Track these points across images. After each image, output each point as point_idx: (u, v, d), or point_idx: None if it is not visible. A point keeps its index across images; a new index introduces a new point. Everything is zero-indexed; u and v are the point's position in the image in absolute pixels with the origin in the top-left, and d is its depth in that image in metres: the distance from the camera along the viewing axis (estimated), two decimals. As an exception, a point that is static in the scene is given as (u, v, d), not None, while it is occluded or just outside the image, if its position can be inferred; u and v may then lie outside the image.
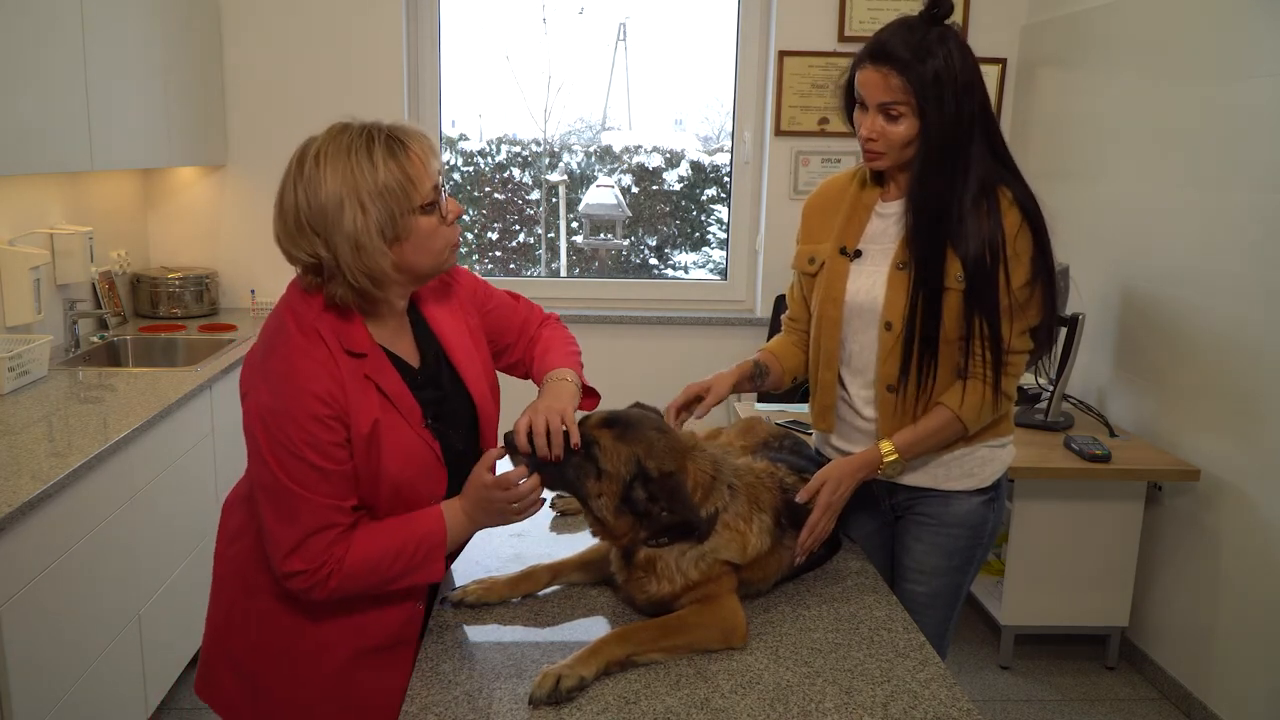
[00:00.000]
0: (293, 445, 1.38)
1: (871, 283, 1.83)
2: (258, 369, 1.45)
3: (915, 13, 1.75)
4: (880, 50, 1.71)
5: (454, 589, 1.66)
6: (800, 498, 1.71)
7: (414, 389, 1.52)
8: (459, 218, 1.51)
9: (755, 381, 1.94)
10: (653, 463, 1.52)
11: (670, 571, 1.54)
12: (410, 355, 1.56)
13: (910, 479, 1.90)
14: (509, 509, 1.51)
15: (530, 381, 1.73)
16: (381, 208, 1.38)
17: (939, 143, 1.71)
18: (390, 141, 1.40)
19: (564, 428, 1.50)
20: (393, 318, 1.53)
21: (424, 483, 1.51)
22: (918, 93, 1.69)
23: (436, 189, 1.44)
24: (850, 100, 1.82)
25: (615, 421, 1.55)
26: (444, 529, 1.49)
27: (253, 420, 1.42)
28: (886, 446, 1.81)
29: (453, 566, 1.77)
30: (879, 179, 1.89)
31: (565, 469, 1.51)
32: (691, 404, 1.82)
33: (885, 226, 1.85)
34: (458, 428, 1.59)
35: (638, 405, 1.66)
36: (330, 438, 1.40)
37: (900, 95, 1.70)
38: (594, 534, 1.60)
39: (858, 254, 1.86)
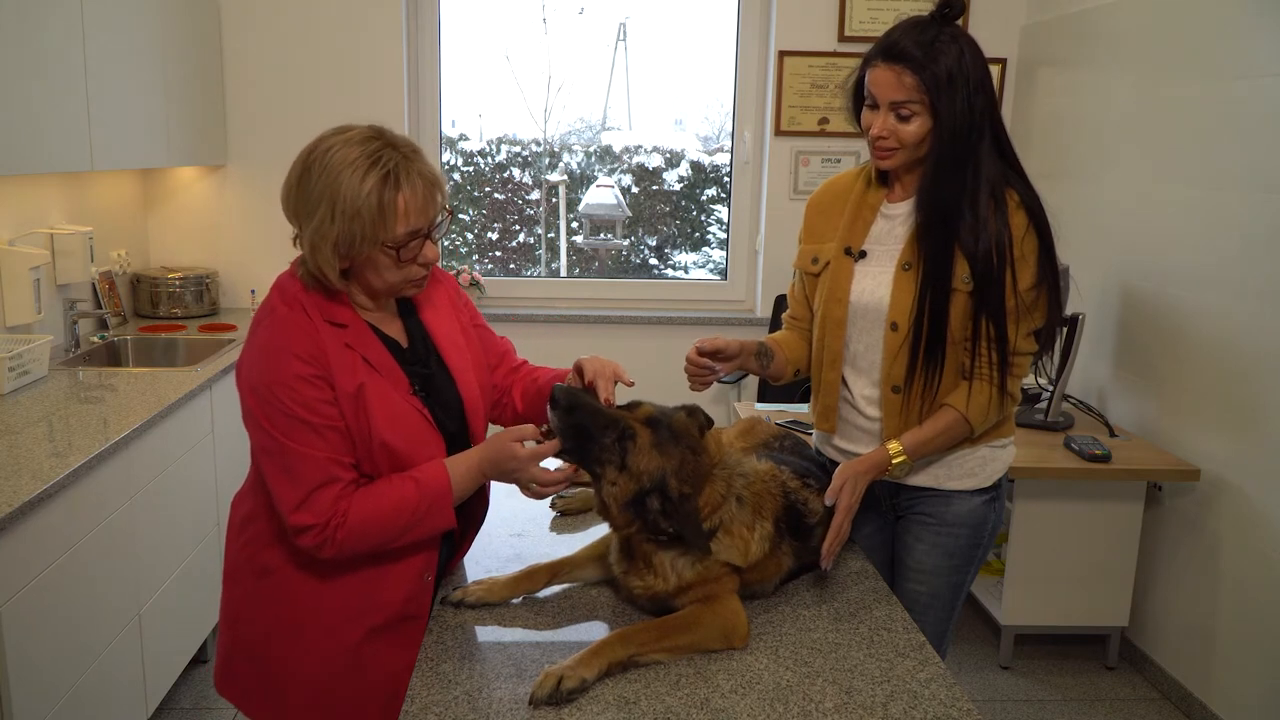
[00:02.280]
0: (283, 406, 1.44)
1: (876, 283, 1.83)
2: (246, 349, 1.52)
3: (920, 14, 1.75)
4: (893, 49, 1.71)
5: (459, 586, 1.66)
6: (827, 499, 1.72)
7: (401, 363, 1.57)
8: (429, 264, 1.53)
9: (760, 360, 1.92)
10: (675, 482, 1.51)
11: (666, 570, 1.55)
12: (399, 337, 1.61)
13: (912, 479, 1.90)
14: (530, 491, 1.55)
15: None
16: (346, 227, 1.42)
17: (951, 142, 1.71)
18: (390, 174, 1.43)
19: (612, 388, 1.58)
20: (373, 304, 1.57)
21: (420, 449, 1.54)
22: (931, 91, 1.69)
23: (415, 234, 1.47)
24: (858, 100, 1.82)
25: (658, 424, 1.54)
26: (447, 479, 1.52)
27: (245, 394, 1.49)
28: (895, 447, 1.80)
29: (461, 562, 1.78)
30: (884, 179, 1.88)
31: (593, 445, 1.51)
32: (705, 355, 1.80)
33: (891, 227, 1.85)
34: (447, 409, 1.62)
35: (686, 409, 1.62)
36: (317, 395, 1.45)
37: (914, 94, 1.70)
38: (596, 511, 1.60)
39: (862, 254, 1.86)
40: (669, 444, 1.52)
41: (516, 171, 4.52)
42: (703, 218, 4.59)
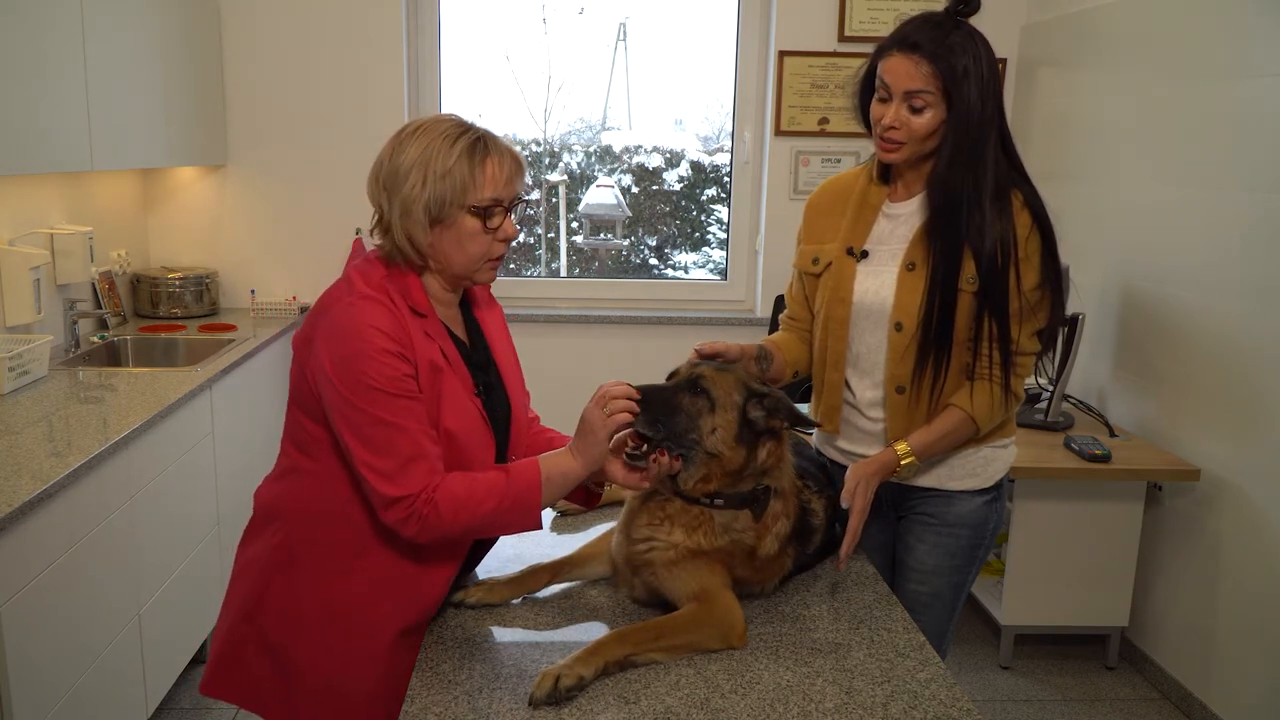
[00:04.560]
0: (370, 379, 1.45)
1: (880, 283, 1.83)
2: (318, 326, 1.52)
3: (921, 12, 1.76)
4: (908, 39, 1.72)
5: (460, 586, 1.66)
6: (843, 502, 1.73)
7: (466, 364, 1.60)
8: (508, 240, 1.57)
9: (760, 364, 1.91)
10: (756, 384, 1.61)
11: (715, 529, 1.56)
12: (464, 338, 1.65)
13: (915, 479, 1.90)
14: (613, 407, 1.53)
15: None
16: (436, 188, 1.49)
17: (963, 135, 1.71)
18: (477, 142, 1.52)
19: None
20: (442, 302, 1.61)
21: (475, 446, 1.56)
22: (947, 80, 1.69)
23: (498, 202, 1.53)
24: (866, 94, 1.82)
25: (702, 363, 1.64)
26: (538, 471, 1.51)
27: (322, 372, 1.48)
28: (903, 448, 1.80)
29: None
30: (885, 178, 1.88)
31: (678, 416, 1.54)
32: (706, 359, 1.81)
33: (893, 227, 1.85)
34: (496, 421, 1.63)
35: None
36: (402, 369, 1.47)
37: (929, 83, 1.70)
38: (688, 486, 1.56)
39: (864, 254, 1.86)
40: (728, 366, 1.63)
41: (516, 171, 4.52)
42: (703, 218, 4.59)
